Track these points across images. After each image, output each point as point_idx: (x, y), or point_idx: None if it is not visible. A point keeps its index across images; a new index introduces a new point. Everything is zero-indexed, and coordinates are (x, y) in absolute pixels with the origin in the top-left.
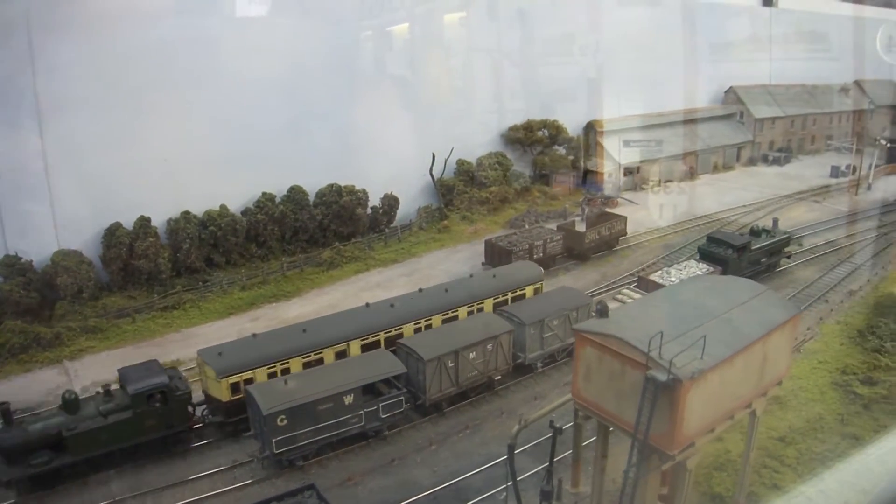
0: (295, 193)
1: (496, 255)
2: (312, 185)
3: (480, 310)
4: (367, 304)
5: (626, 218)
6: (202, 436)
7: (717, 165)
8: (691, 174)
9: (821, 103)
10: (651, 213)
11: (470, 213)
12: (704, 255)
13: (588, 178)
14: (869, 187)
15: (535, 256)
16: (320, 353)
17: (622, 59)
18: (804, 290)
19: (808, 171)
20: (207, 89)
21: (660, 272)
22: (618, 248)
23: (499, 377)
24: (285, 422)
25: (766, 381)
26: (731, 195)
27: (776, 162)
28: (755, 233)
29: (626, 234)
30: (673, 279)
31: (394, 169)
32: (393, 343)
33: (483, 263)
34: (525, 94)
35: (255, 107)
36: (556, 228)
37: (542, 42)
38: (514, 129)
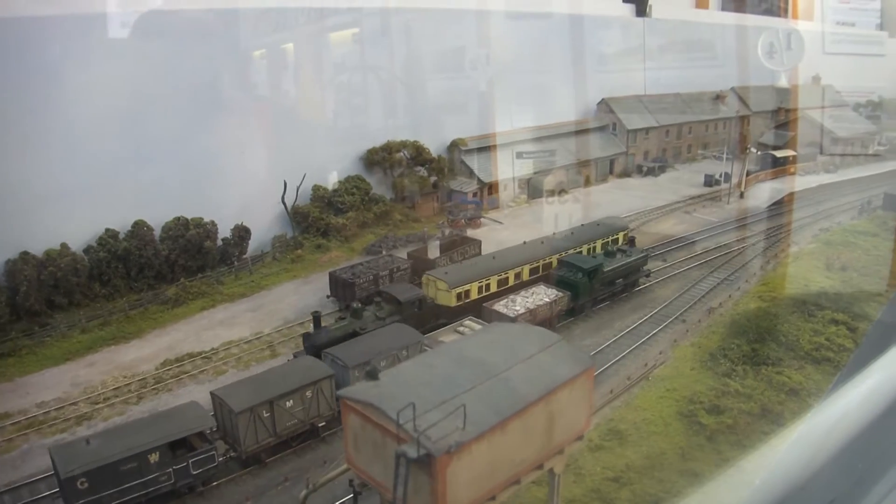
0: (139, 228)
1: (340, 287)
2: (159, 218)
3: (594, 249)
4: (525, 242)
5: (479, 242)
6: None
7: (590, 178)
8: (562, 189)
9: (696, 112)
10: (516, 232)
11: (326, 240)
12: (555, 280)
13: (453, 198)
14: (741, 196)
15: (380, 287)
16: (506, 274)
17: (496, 75)
18: (662, 310)
19: (683, 180)
20: (43, 122)
21: (504, 301)
22: None
23: (323, 423)
24: (86, 485)
25: (558, 439)
26: (600, 209)
27: (651, 172)
28: (609, 253)
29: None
30: (518, 308)
31: (247, 198)
32: (547, 268)
33: (328, 296)
34: (391, 114)
35: (95, 138)
36: (406, 256)
37: (410, 60)
38: (372, 151)
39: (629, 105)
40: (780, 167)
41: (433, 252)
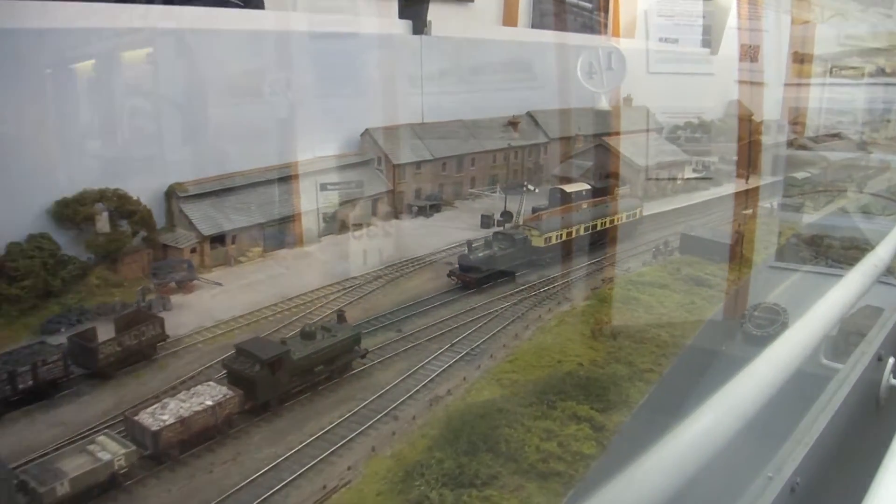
0: None
1: None
2: None
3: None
4: (585, 207)
5: (162, 320)
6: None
7: (347, 223)
8: (302, 239)
9: (483, 140)
10: (235, 296)
11: None
12: (231, 375)
13: (169, 254)
14: None
15: (21, 386)
16: (571, 229)
17: (245, 105)
18: (373, 403)
19: (458, 221)
20: None
21: (153, 407)
22: (158, 356)
23: None
24: None
25: None
26: (342, 265)
27: (422, 213)
28: (307, 335)
29: (165, 338)
30: (166, 417)
31: None
32: (595, 228)
33: None
34: (112, 156)
35: None
36: (67, 340)
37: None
38: (62, 203)
39: (399, 135)
40: (569, 203)
41: (106, 332)
